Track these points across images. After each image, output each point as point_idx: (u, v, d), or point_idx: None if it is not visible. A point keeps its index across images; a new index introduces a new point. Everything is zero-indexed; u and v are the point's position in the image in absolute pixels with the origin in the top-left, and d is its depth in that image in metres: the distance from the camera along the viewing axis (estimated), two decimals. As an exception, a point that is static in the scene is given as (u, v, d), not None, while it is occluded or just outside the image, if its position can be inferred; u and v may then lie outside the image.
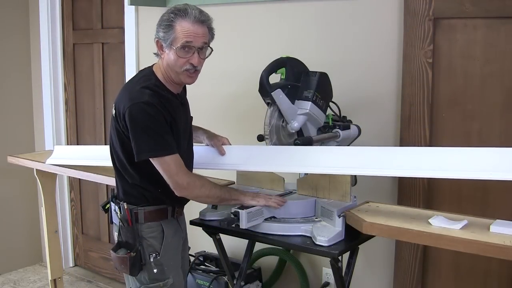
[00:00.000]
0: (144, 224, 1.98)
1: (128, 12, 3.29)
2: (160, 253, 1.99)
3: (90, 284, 3.78)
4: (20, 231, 4.02)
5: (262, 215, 2.02)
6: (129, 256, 1.94)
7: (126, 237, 1.99)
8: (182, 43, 1.87)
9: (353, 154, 1.98)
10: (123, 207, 1.97)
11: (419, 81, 2.28)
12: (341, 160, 1.97)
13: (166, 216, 2.03)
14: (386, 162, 1.89)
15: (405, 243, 2.37)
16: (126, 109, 1.86)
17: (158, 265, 1.99)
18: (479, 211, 2.17)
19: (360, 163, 1.93)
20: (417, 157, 1.87)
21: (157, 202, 2.00)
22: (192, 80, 1.98)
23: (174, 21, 1.87)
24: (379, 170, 1.89)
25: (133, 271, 1.97)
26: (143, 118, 1.84)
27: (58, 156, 2.80)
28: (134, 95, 1.88)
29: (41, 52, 3.84)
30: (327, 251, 1.87)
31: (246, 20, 2.81)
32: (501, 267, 2.21)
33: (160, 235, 2.00)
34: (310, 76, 2.16)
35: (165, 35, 1.88)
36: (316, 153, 2.03)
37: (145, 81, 1.93)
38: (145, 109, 1.84)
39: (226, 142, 2.24)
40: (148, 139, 1.85)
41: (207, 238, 2.25)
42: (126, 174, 1.99)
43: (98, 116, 3.74)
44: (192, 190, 1.93)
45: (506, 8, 2.08)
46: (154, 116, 1.85)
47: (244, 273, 2.40)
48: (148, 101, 1.85)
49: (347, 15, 2.47)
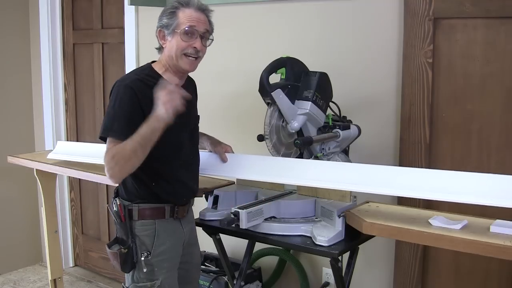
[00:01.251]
0: (137, 222, 1.96)
1: (128, 12, 3.29)
2: (152, 253, 1.96)
3: (90, 284, 3.78)
4: (20, 231, 4.02)
5: (262, 215, 2.02)
6: (120, 252, 1.93)
7: (120, 233, 1.98)
8: (186, 27, 1.91)
9: (354, 171, 1.96)
10: (116, 203, 1.97)
11: (419, 81, 2.28)
12: (342, 175, 1.95)
13: (163, 215, 1.99)
14: (387, 180, 1.87)
15: (405, 243, 2.37)
16: (112, 90, 1.91)
17: (149, 265, 1.96)
18: (479, 211, 2.16)
19: (361, 179, 1.91)
20: (417, 178, 1.84)
21: (153, 199, 1.97)
22: (192, 67, 1.97)
23: (178, 9, 1.93)
24: (380, 188, 1.86)
25: (124, 267, 1.96)
26: (118, 98, 1.86)
27: (59, 151, 2.80)
28: (122, 78, 1.94)
29: (41, 52, 3.84)
30: (327, 251, 1.87)
31: (246, 20, 2.81)
32: (501, 267, 2.21)
33: (153, 234, 1.97)
34: (310, 76, 2.16)
35: (168, 21, 1.92)
36: (317, 166, 2.02)
37: (139, 69, 2.00)
38: (123, 91, 1.86)
39: (229, 150, 2.24)
40: (108, 118, 1.87)
41: (207, 238, 2.25)
42: None
43: (98, 116, 3.73)
44: (113, 175, 1.81)
45: (506, 8, 2.08)
46: (125, 99, 1.85)
47: (244, 273, 2.40)
48: (127, 84, 1.87)
49: (347, 15, 2.47)
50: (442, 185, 1.77)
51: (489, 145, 2.19)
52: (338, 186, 1.96)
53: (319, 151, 2.20)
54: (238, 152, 2.30)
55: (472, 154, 2.22)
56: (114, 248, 1.96)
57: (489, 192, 1.70)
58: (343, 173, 1.96)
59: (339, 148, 2.24)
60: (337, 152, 2.24)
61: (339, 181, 1.94)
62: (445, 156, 2.28)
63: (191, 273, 2.20)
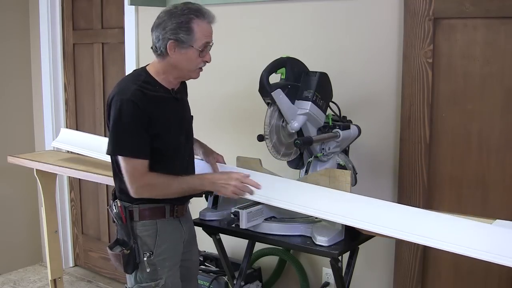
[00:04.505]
0: (139, 222, 1.98)
1: (128, 12, 3.29)
2: (154, 253, 1.98)
3: (90, 284, 3.78)
4: (20, 231, 4.02)
5: (262, 215, 2.02)
6: (122, 254, 1.94)
7: (122, 235, 1.99)
8: (203, 44, 1.93)
9: (349, 201, 1.92)
10: (117, 205, 1.98)
11: (419, 81, 2.27)
12: (337, 206, 1.91)
13: (163, 215, 2.00)
14: (384, 219, 1.83)
15: (405, 243, 2.37)
16: (113, 104, 1.90)
17: (151, 265, 1.97)
18: (479, 211, 2.17)
19: (358, 214, 1.86)
20: (416, 219, 1.79)
21: (153, 200, 1.98)
22: (199, 75, 2.04)
23: (192, 21, 1.91)
24: (375, 226, 1.82)
25: (127, 268, 1.97)
26: (121, 115, 1.87)
27: (63, 140, 2.83)
28: (120, 90, 1.92)
29: (41, 52, 3.84)
30: (327, 251, 1.87)
31: (246, 20, 2.81)
32: (501, 267, 2.18)
33: (154, 234, 1.99)
34: (310, 76, 2.16)
35: (187, 37, 1.90)
36: (308, 192, 1.99)
37: (135, 77, 1.98)
38: (126, 106, 1.87)
39: (221, 160, 2.25)
40: (116, 136, 1.89)
41: (207, 238, 2.25)
42: (119, 171, 1.97)
43: (98, 116, 3.73)
44: (141, 194, 1.93)
45: (506, 8, 2.08)
46: (131, 115, 1.87)
47: (244, 273, 2.40)
48: (129, 98, 1.87)
49: (347, 15, 2.47)
50: (436, 231, 1.70)
51: (489, 145, 2.19)
52: (330, 218, 1.90)
53: (319, 151, 2.20)
54: (238, 153, 2.30)
55: (472, 154, 2.22)
56: (116, 249, 1.97)
57: (487, 246, 1.62)
58: (339, 204, 1.90)
59: (339, 148, 2.24)
60: (337, 152, 2.25)
61: (332, 212, 1.88)
62: (445, 156, 2.28)
63: (192, 270, 2.23)
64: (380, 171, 2.44)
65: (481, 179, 2.21)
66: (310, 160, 2.21)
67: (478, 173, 2.21)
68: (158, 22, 1.94)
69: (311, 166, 2.20)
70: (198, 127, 2.23)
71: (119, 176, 1.98)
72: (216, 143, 2.36)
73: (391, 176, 2.42)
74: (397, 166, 2.38)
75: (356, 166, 2.32)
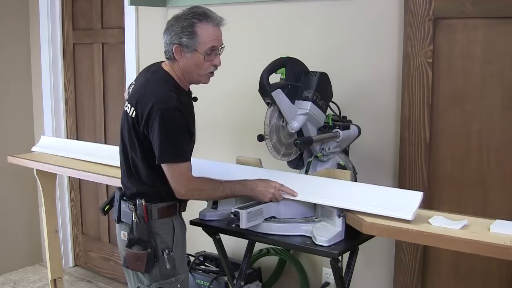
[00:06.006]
0: (158, 221, 2.01)
1: (128, 12, 3.29)
2: (173, 249, 2.03)
3: (90, 284, 3.78)
4: (20, 231, 4.02)
5: (262, 215, 2.02)
6: (147, 253, 1.97)
7: (141, 234, 2.00)
8: (209, 48, 1.94)
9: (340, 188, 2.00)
10: (140, 204, 1.99)
11: (419, 81, 2.28)
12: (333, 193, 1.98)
13: (175, 212, 2.06)
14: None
15: (405, 243, 2.37)
16: (155, 111, 1.88)
17: (171, 261, 2.02)
18: (479, 211, 2.17)
19: (359, 199, 1.93)
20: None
21: (169, 198, 2.02)
22: (209, 80, 2.06)
23: (196, 25, 1.91)
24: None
25: (148, 267, 1.99)
26: (170, 123, 1.89)
27: (43, 145, 2.93)
28: (162, 98, 1.91)
29: (41, 52, 3.84)
30: (327, 251, 1.87)
31: (246, 20, 2.81)
32: (501, 267, 2.21)
33: (171, 231, 2.04)
34: (310, 76, 2.16)
35: (190, 41, 1.92)
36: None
37: (166, 82, 1.97)
38: (173, 114, 1.89)
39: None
40: (170, 145, 1.90)
41: (207, 238, 2.25)
42: (140, 173, 2.01)
43: (98, 116, 3.73)
44: (190, 196, 2.03)
45: (506, 8, 2.08)
46: (179, 122, 1.91)
47: (244, 273, 2.40)
48: (175, 106, 1.90)
49: (347, 15, 2.47)
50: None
51: (489, 145, 2.19)
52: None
53: (319, 151, 2.20)
54: (238, 153, 2.31)
55: (472, 154, 2.22)
56: (138, 249, 1.99)
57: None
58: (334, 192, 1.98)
59: (339, 148, 2.24)
60: (337, 152, 2.25)
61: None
62: (445, 156, 2.28)
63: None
64: (380, 171, 2.44)
65: (481, 179, 2.21)
66: (310, 160, 2.21)
67: (478, 173, 2.21)
68: (167, 27, 1.97)
69: (311, 166, 2.20)
70: (198, 127, 2.22)
71: (136, 176, 2.02)
72: (216, 143, 2.36)
73: (391, 176, 2.42)
74: (397, 166, 2.38)
75: (356, 166, 2.32)
